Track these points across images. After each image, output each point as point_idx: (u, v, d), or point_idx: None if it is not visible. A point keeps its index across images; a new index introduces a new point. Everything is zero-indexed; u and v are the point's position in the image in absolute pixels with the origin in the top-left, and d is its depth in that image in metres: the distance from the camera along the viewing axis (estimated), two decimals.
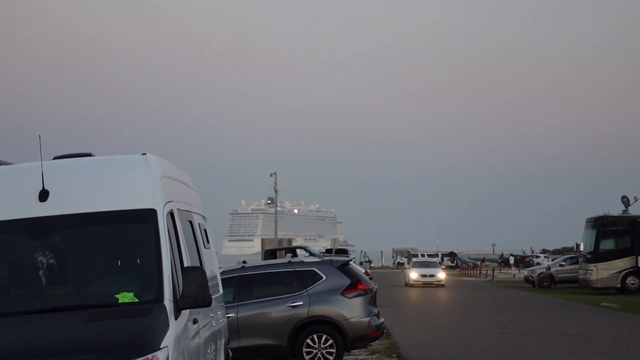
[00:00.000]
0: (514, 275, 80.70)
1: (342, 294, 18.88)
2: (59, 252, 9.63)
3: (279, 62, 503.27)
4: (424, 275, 58.58)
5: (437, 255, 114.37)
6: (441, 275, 59.25)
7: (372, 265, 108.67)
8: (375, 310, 19.38)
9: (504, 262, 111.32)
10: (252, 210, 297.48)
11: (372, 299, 19.33)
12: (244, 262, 20.42)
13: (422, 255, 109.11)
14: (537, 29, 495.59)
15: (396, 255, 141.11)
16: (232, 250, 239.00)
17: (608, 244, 48.75)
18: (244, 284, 19.04)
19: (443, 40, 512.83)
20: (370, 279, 22.95)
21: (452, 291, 52.21)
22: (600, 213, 50.03)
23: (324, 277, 19.03)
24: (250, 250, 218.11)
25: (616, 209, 51.80)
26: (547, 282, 56.86)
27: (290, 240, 69.59)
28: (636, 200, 52.17)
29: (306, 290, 18.88)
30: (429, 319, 31.56)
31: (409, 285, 58.45)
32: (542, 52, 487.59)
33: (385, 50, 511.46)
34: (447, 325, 28.93)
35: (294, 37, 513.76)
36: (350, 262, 19.92)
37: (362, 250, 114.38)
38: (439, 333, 26.10)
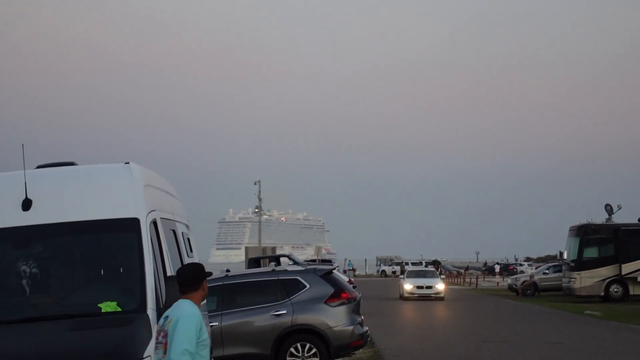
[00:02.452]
0: (498, 283, 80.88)
1: (325, 302, 18.93)
2: (42, 261, 9.65)
3: (267, 67, 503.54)
4: (419, 287, 52.04)
5: (421, 263, 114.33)
6: (440, 286, 52.69)
7: (356, 273, 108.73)
8: (359, 319, 19.43)
9: (487, 270, 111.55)
10: (239, 218, 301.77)
11: (355, 308, 19.38)
12: (228, 270, 20.46)
13: (407, 264, 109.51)
14: (526, 45, 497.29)
15: (380, 264, 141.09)
16: (219, 258, 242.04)
17: (591, 252, 48.80)
18: (227, 292, 19.07)
19: (437, 47, 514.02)
20: (354, 287, 23.01)
21: (431, 302, 52.01)
22: (583, 221, 50.17)
23: (308, 285, 19.08)
24: (237, 258, 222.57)
25: (600, 217, 51.99)
26: (530, 290, 56.94)
27: (274, 249, 69.50)
28: (619, 208, 52.24)
29: (290, 299, 18.91)
30: (413, 327, 31.60)
31: (403, 297, 52.35)
32: (535, 66, 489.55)
33: (376, 56, 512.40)
34: (430, 333, 28.99)
35: (284, 42, 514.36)
36: (333, 271, 19.96)
37: (346, 259, 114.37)
38: (422, 341, 26.15)
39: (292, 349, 18.71)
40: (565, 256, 50.68)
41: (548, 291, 56.49)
